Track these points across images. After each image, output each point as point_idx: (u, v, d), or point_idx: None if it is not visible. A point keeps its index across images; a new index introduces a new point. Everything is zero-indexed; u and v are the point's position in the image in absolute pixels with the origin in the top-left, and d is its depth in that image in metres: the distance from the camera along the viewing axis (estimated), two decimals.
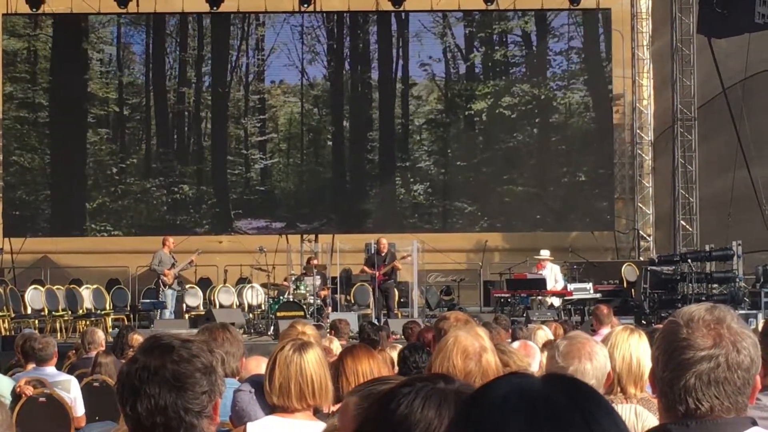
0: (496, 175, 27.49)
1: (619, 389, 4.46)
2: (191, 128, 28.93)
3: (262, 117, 28.90)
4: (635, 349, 4.50)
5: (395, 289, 20.53)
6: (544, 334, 8.53)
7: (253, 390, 4.31)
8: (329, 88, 28.79)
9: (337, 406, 4.60)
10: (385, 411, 1.86)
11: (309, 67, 28.59)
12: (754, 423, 2.56)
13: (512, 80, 27.90)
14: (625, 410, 4.11)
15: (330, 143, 28.75)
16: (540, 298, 19.81)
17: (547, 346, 6.74)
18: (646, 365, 4.34)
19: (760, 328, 8.91)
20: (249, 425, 4.01)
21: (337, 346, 8.45)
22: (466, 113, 28.00)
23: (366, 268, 20.20)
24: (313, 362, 3.98)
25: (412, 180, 28.05)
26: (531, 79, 27.81)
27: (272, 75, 28.81)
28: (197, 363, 2.64)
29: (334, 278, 21.38)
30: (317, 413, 4.06)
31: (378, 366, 4.58)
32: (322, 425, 3.82)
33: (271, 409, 4.04)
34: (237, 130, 28.84)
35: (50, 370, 9.30)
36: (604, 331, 9.67)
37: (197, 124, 28.94)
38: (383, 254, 19.71)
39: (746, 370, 2.53)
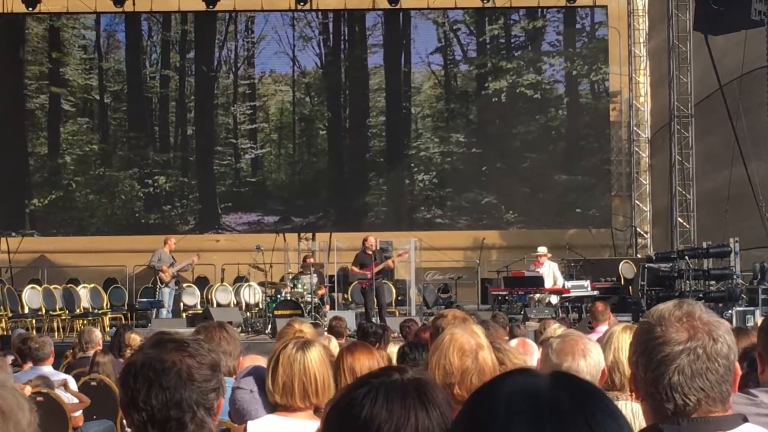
0: (493, 174, 27.46)
1: (629, 389, 4.45)
2: (175, 115, 27.83)
3: (252, 104, 27.87)
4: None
5: (391, 286, 20.45)
6: (557, 326, 8.48)
7: (255, 389, 4.30)
8: (322, 75, 27.96)
9: None
10: (349, 415, 1.81)
11: (300, 54, 27.70)
12: (745, 420, 2.57)
13: (510, 78, 27.84)
14: (621, 407, 4.10)
15: (323, 132, 27.88)
16: (538, 295, 19.83)
17: (545, 341, 6.74)
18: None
19: (758, 324, 8.91)
20: (249, 424, 4.01)
21: (335, 346, 8.43)
22: (467, 105, 27.82)
23: (354, 269, 19.43)
24: (316, 360, 3.98)
25: (416, 170, 27.66)
26: (527, 76, 27.78)
27: (262, 62, 27.87)
28: (208, 359, 2.65)
29: (331, 277, 21.37)
30: (317, 412, 4.05)
31: (377, 364, 4.57)
32: None
33: (272, 407, 4.04)
34: (225, 118, 27.91)
35: (47, 369, 9.31)
36: (602, 328, 9.68)
37: (182, 112, 27.82)
38: (371, 253, 19.28)
39: (726, 357, 2.54)
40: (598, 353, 4.19)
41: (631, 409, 4.14)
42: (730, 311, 17.27)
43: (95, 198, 27.41)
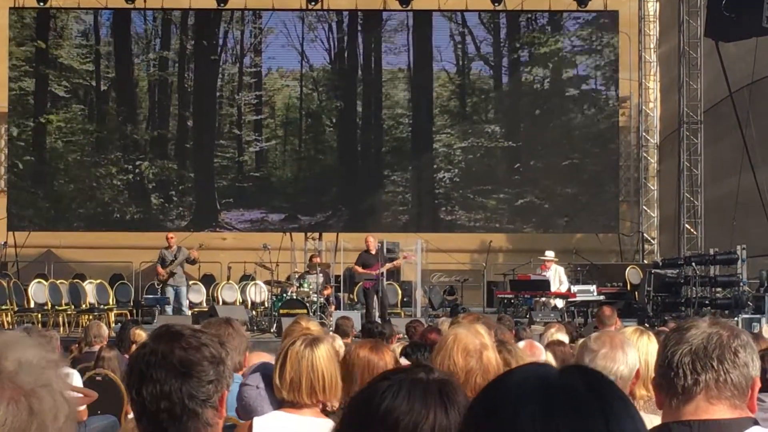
0: (501, 179, 27.37)
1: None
2: (177, 108, 26.63)
3: (258, 93, 26.79)
4: (644, 350, 4.48)
5: (395, 288, 20.42)
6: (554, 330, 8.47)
7: (261, 386, 4.31)
8: (331, 70, 27.15)
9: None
10: (369, 407, 1.83)
11: (308, 48, 26.80)
12: (756, 423, 2.59)
13: (521, 80, 27.76)
14: None
15: (330, 129, 27.03)
16: (543, 299, 19.81)
17: (552, 345, 6.75)
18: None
19: (764, 333, 8.90)
20: (255, 420, 4.01)
21: (339, 345, 8.43)
22: (480, 103, 27.57)
23: (358, 268, 19.58)
24: (324, 358, 3.98)
25: (435, 167, 27.07)
26: (535, 82, 27.71)
27: (269, 56, 26.95)
28: (205, 352, 2.65)
29: (337, 277, 21.37)
30: (332, 414, 4.05)
31: (389, 361, 4.59)
32: (329, 422, 3.81)
33: (278, 403, 4.04)
34: (230, 108, 26.91)
35: None
36: None
37: (184, 99, 26.72)
38: (374, 253, 19.32)
39: (744, 358, 2.59)
40: (635, 353, 4.19)
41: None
42: (736, 318, 17.23)
43: (75, 188, 26.49)
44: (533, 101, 27.54)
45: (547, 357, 5.81)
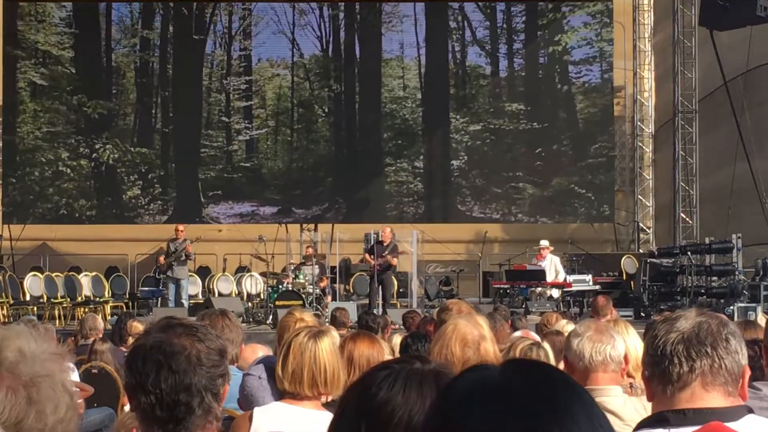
0: (497, 168, 27.38)
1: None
2: (159, 97, 25.80)
3: (248, 78, 25.80)
4: (625, 337, 4.50)
5: (393, 279, 20.43)
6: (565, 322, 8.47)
7: (263, 376, 4.31)
8: (322, 57, 26.46)
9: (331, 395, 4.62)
10: (366, 396, 1.83)
11: (299, 35, 26.13)
12: (750, 411, 2.60)
13: (515, 69, 27.76)
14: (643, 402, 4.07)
15: (322, 118, 26.33)
16: (539, 289, 19.82)
17: (550, 335, 6.75)
18: (632, 351, 4.39)
19: (759, 321, 8.91)
20: (256, 410, 4.01)
21: (335, 336, 8.42)
22: (475, 91, 27.45)
23: (367, 257, 19.88)
24: (327, 350, 3.99)
25: (437, 155, 26.68)
26: (530, 69, 27.71)
27: (259, 41, 26.17)
28: (217, 345, 2.65)
29: (333, 268, 21.36)
30: (329, 406, 4.05)
31: (380, 352, 4.60)
32: (329, 415, 3.81)
33: (280, 394, 4.04)
34: (218, 95, 26.00)
35: None
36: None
37: (163, 84, 25.72)
38: (386, 244, 19.46)
39: (734, 345, 2.63)
40: (621, 340, 4.18)
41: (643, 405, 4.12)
42: (731, 307, 17.24)
43: (47, 178, 26.05)
44: (528, 90, 27.53)
45: (544, 347, 5.81)
